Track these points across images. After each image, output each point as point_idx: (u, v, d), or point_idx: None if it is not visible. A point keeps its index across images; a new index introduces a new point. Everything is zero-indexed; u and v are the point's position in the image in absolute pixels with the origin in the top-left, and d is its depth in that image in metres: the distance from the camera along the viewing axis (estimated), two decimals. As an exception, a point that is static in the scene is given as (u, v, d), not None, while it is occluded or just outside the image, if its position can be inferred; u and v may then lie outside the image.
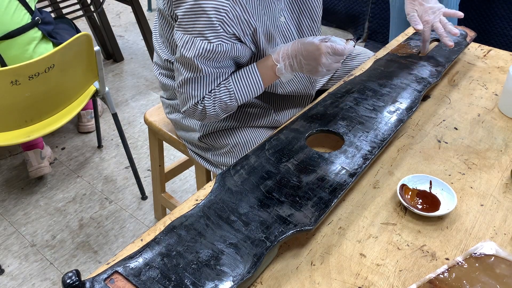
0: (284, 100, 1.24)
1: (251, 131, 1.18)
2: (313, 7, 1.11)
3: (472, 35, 1.36)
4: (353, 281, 0.72)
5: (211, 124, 1.17)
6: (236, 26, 0.94)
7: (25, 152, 1.94)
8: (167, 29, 1.08)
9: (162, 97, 1.30)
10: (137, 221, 1.83)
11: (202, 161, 1.27)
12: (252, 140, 1.17)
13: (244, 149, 1.16)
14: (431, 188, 0.87)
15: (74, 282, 0.64)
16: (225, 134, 1.18)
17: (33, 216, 1.85)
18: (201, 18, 0.90)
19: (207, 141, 1.20)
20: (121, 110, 2.50)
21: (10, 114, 1.46)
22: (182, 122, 1.23)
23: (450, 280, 0.70)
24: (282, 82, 1.14)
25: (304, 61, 0.98)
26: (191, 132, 1.23)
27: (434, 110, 1.13)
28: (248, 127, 1.19)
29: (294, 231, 0.74)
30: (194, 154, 1.29)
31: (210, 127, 1.18)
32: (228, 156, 1.18)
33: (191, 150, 1.30)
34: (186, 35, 0.93)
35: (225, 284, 0.66)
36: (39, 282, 1.60)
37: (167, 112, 1.29)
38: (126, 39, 3.28)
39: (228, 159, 1.18)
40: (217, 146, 1.19)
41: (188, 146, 1.30)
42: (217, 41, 0.92)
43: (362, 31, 3.10)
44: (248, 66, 1.03)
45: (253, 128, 1.20)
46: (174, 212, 0.82)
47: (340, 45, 0.96)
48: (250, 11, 0.96)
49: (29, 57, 1.65)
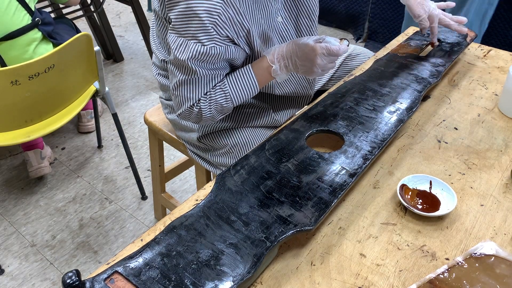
0: (283, 100, 1.24)
1: (250, 132, 1.18)
2: (311, 6, 1.11)
3: (472, 35, 1.36)
4: (353, 281, 0.72)
5: (209, 124, 1.17)
6: (229, 28, 0.94)
7: (25, 152, 1.94)
8: (162, 30, 1.08)
9: (161, 98, 1.30)
10: (137, 221, 1.83)
11: (202, 161, 1.27)
12: (251, 140, 1.17)
13: (243, 150, 1.16)
14: (431, 188, 0.87)
15: (74, 282, 0.64)
16: (224, 134, 1.18)
17: (33, 216, 1.85)
18: (193, 21, 0.90)
19: (206, 142, 1.20)
20: (121, 110, 2.50)
21: (10, 114, 1.46)
22: (181, 122, 1.23)
23: (450, 280, 0.70)
24: (279, 82, 1.14)
25: (299, 62, 0.98)
26: (190, 133, 1.23)
27: (434, 110, 1.13)
28: (247, 127, 1.19)
29: (294, 231, 0.74)
30: (194, 155, 1.29)
31: (209, 128, 1.18)
32: (227, 156, 1.18)
33: (191, 150, 1.30)
34: (180, 38, 0.93)
35: (225, 284, 0.66)
36: (39, 282, 1.60)
37: (167, 113, 1.29)
38: (126, 39, 3.28)
39: (227, 159, 1.18)
40: (216, 146, 1.19)
41: (187, 147, 1.30)
42: (210, 43, 0.92)
43: (362, 31, 3.09)
44: (243, 68, 1.03)
45: (252, 128, 1.20)
46: (174, 212, 0.82)
47: (334, 46, 0.96)
48: (243, 12, 0.95)
49: (29, 58, 1.65)
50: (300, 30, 1.13)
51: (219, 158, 1.20)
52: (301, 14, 1.11)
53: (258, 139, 1.17)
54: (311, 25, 1.13)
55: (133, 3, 2.51)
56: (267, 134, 1.20)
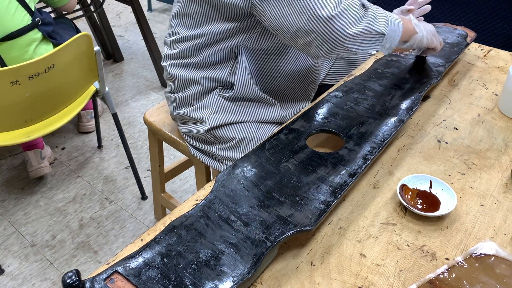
0: (290, 96, 1.25)
1: (258, 126, 1.19)
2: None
3: (472, 35, 1.37)
4: (353, 281, 0.72)
5: (220, 116, 1.17)
6: None
7: (25, 152, 1.94)
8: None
9: (167, 93, 1.29)
10: (137, 221, 1.83)
11: (205, 157, 1.27)
12: (258, 135, 1.18)
13: (250, 144, 1.17)
14: (431, 188, 0.87)
15: (74, 282, 0.64)
16: (232, 128, 1.18)
17: (33, 216, 1.85)
18: None
19: (215, 134, 1.20)
20: (121, 110, 2.50)
21: (10, 114, 1.46)
22: (191, 115, 1.23)
23: (450, 280, 0.70)
24: (286, 73, 1.18)
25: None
26: (198, 125, 1.23)
27: (434, 110, 1.13)
28: (255, 122, 1.20)
29: (294, 231, 0.74)
30: (196, 152, 1.29)
31: (220, 120, 1.18)
32: (234, 150, 1.18)
33: (194, 146, 1.30)
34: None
35: (225, 284, 0.66)
36: (39, 282, 1.60)
37: (174, 107, 1.28)
38: (126, 39, 3.28)
39: (234, 153, 1.18)
40: (223, 139, 1.19)
41: (190, 143, 1.30)
42: None
43: (362, 31, 3.09)
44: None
45: (260, 124, 1.20)
46: (174, 212, 0.83)
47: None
48: None
49: (29, 58, 1.65)
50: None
51: (226, 152, 1.20)
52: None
53: (265, 134, 1.18)
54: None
55: (133, 3, 2.51)
56: (274, 130, 1.21)
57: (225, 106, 1.18)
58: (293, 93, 1.26)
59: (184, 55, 1.18)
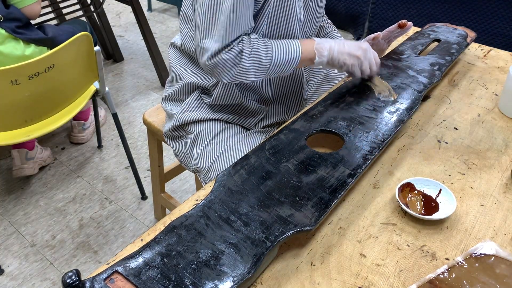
0: (276, 105, 1.25)
1: (241, 137, 1.18)
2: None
3: (472, 35, 1.37)
4: (353, 281, 0.72)
5: (225, 96, 1.16)
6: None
7: (12, 150, 1.93)
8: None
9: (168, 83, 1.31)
10: (137, 221, 1.83)
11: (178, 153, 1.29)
12: (241, 147, 1.16)
13: (233, 157, 1.14)
14: (438, 196, 0.85)
15: (74, 281, 0.64)
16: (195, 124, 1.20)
17: (33, 216, 1.85)
18: None
19: (180, 130, 1.23)
20: (121, 110, 2.50)
21: (10, 114, 1.46)
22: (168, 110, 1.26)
23: (450, 280, 0.70)
24: (268, 83, 1.18)
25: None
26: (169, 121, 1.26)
27: (434, 110, 1.13)
28: (239, 126, 1.21)
29: (294, 231, 0.74)
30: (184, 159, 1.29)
31: (189, 117, 1.19)
32: (213, 168, 1.16)
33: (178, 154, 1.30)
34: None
35: (225, 284, 0.66)
36: (39, 282, 1.60)
37: (163, 99, 1.32)
38: (126, 39, 3.28)
39: (212, 173, 1.16)
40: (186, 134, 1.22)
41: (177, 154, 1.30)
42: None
43: (362, 31, 3.09)
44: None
45: (244, 134, 1.19)
46: (174, 212, 0.82)
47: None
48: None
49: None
50: (308, 6, 1.13)
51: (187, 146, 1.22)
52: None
53: (249, 145, 1.16)
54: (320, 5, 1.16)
55: (133, 3, 2.51)
56: (257, 139, 1.19)
57: (202, 106, 1.19)
58: (279, 105, 1.25)
59: (185, 48, 1.21)
